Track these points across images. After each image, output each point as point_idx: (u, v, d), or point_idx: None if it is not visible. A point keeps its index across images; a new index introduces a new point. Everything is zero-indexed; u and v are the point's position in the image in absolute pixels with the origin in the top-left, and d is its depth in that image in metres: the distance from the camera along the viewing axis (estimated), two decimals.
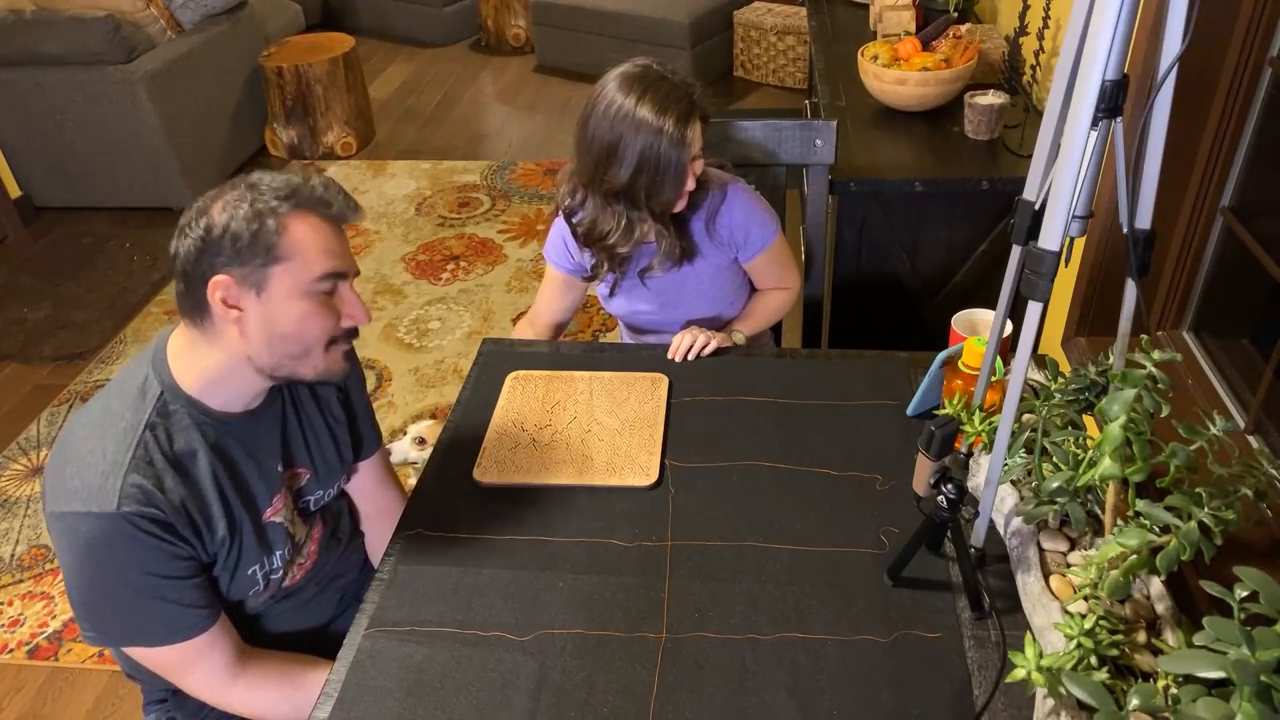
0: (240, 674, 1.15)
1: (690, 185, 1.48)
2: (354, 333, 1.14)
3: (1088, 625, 0.89)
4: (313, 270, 1.05)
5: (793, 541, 1.19)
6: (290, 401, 1.22)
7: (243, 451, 1.14)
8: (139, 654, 1.12)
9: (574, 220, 1.57)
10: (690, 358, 1.52)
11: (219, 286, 1.02)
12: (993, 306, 1.08)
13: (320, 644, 1.27)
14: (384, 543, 1.25)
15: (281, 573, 1.22)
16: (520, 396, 1.47)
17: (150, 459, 1.04)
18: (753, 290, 1.75)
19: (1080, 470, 0.96)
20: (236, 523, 1.13)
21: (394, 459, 1.63)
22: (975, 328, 1.36)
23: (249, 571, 1.17)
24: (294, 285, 1.05)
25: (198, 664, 1.12)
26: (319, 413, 1.26)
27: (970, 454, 1.17)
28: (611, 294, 1.70)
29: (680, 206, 1.51)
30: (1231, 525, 0.87)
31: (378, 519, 1.43)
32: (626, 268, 1.63)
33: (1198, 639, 0.76)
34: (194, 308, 1.06)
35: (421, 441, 1.74)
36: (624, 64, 1.47)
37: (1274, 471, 0.95)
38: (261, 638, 1.25)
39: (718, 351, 1.53)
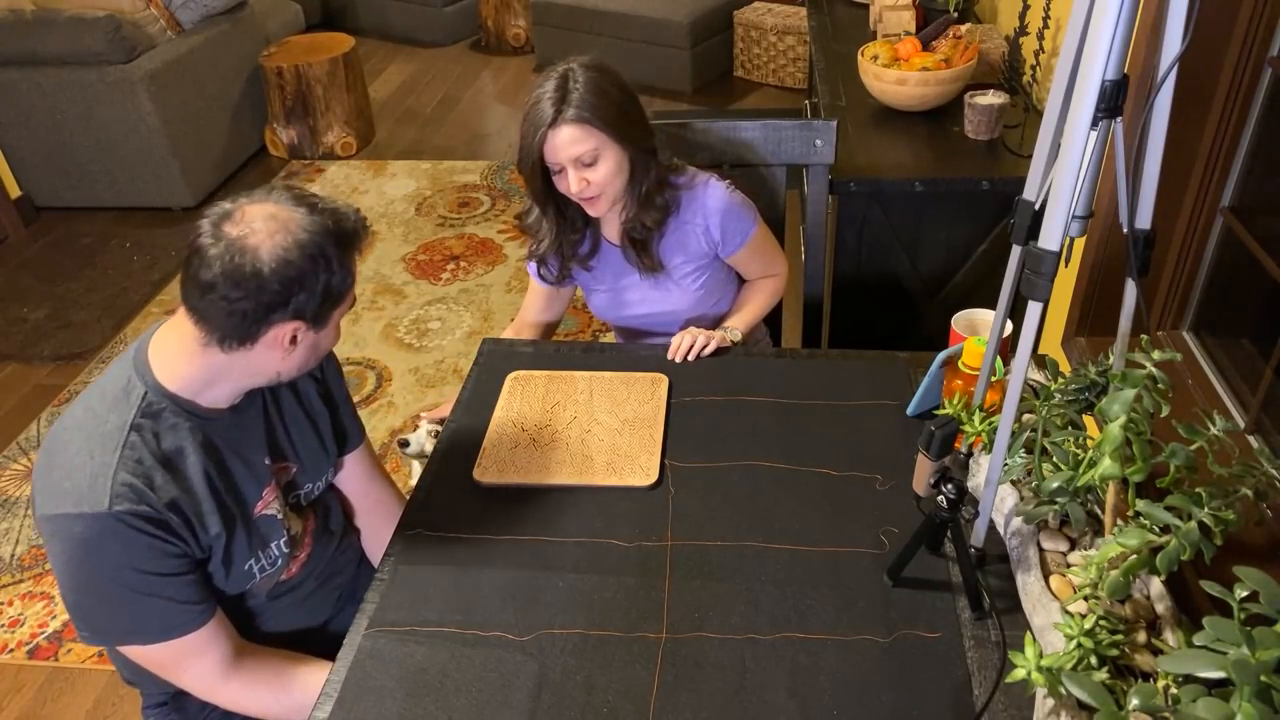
0: (235, 672, 1.15)
1: (566, 187, 1.46)
2: None
3: (1088, 625, 0.89)
4: (352, 297, 1.13)
5: (793, 541, 1.19)
6: (270, 397, 1.23)
7: (229, 448, 1.15)
8: (135, 653, 1.12)
9: (524, 224, 1.61)
10: (690, 358, 1.52)
11: (289, 330, 1.05)
12: (993, 306, 1.08)
13: (318, 643, 1.27)
14: (383, 537, 1.25)
15: (281, 565, 1.23)
16: (520, 396, 1.47)
17: (139, 458, 1.05)
18: (741, 282, 1.75)
19: (1080, 470, 0.96)
20: (231, 517, 1.14)
21: (411, 450, 1.62)
22: (975, 328, 1.36)
23: (245, 566, 1.17)
24: (341, 314, 1.12)
25: (192, 661, 1.13)
26: (298, 405, 1.27)
27: (970, 454, 1.17)
28: (575, 289, 1.72)
29: (590, 211, 1.51)
30: (1231, 525, 0.87)
31: (372, 512, 1.44)
32: (587, 262, 1.65)
33: (1198, 639, 0.76)
34: (239, 341, 1.06)
35: (439, 434, 1.73)
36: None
37: (1274, 471, 0.95)
38: (260, 636, 1.25)
39: (718, 351, 1.54)
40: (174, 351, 1.09)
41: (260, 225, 1.01)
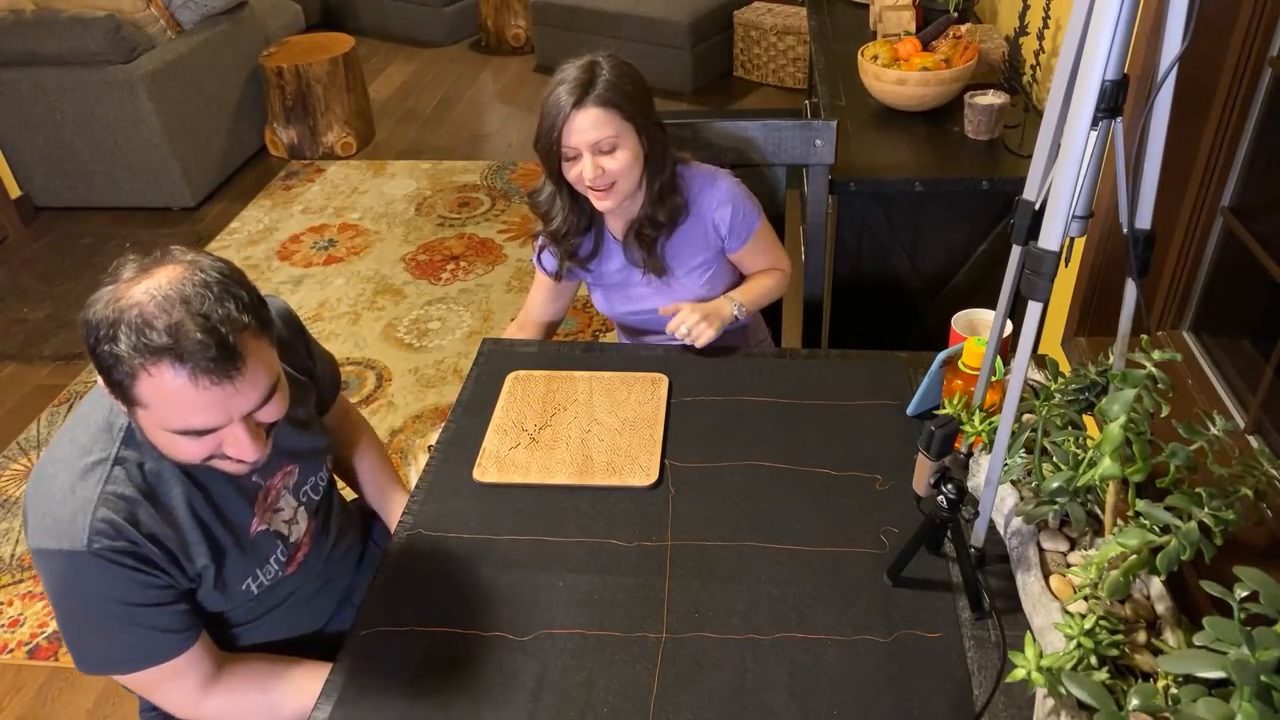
0: (214, 687, 1.13)
1: (578, 174, 1.43)
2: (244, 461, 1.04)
3: (1088, 625, 0.89)
4: (170, 423, 0.98)
5: (793, 541, 1.19)
6: None
7: (216, 473, 1.10)
8: (118, 679, 1.12)
9: (533, 202, 1.59)
10: (691, 340, 1.50)
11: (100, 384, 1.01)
12: (993, 306, 1.08)
13: (316, 646, 1.26)
14: (372, 465, 1.30)
15: (278, 574, 1.21)
16: (520, 396, 1.47)
17: (121, 493, 1.03)
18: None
19: (1080, 470, 0.96)
20: (220, 547, 1.12)
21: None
22: (975, 328, 1.36)
23: (242, 586, 1.16)
24: (157, 425, 0.99)
25: (171, 682, 1.11)
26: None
27: (970, 454, 1.17)
28: (578, 285, 1.72)
29: (599, 204, 1.48)
30: (1231, 525, 0.87)
31: (355, 448, 1.46)
32: (587, 264, 1.65)
33: (1198, 639, 0.76)
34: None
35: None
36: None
37: (1274, 471, 0.95)
38: (258, 642, 1.24)
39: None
40: None
41: (125, 287, 0.99)
